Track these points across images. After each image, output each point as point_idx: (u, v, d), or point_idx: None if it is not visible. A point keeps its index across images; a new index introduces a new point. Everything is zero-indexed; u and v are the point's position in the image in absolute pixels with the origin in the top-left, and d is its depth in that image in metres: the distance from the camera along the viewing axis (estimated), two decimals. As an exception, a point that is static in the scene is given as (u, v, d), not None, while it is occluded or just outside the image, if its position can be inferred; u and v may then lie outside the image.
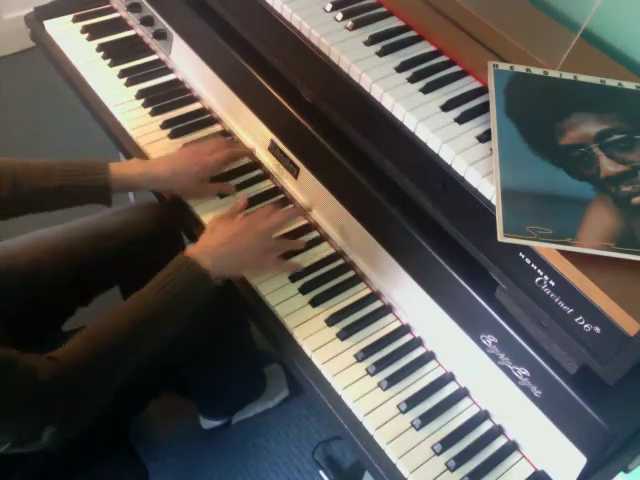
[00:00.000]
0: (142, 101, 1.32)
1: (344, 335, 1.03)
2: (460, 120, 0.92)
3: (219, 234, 1.03)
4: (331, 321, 1.04)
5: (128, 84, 1.35)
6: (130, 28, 1.47)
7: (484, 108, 0.94)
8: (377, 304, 1.07)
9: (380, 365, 1.00)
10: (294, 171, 1.15)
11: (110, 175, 1.08)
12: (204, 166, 1.15)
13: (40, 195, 1.06)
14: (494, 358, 0.93)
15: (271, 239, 1.07)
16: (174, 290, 0.95)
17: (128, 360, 0.95)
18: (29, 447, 0.89)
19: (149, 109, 1.31)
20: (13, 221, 1.09)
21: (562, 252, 0.78)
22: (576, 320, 0.79)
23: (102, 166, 1.09)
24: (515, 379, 0.91)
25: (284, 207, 1.15)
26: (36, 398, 0.85)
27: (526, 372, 0.89)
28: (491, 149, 0.88)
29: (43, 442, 0.88)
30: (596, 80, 0.97)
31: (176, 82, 1.38)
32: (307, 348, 1.01)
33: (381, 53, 1.00)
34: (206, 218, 1.14)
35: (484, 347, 0.93)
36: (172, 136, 1.27)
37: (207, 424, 1.61)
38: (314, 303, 1.06)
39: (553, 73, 0.96)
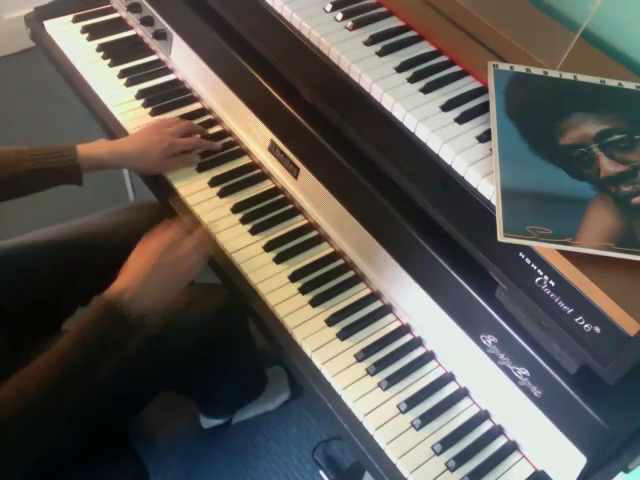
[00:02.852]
0: (142, 101, 1.32)
1: (344, 335, 1.03)
2: (460, 120, 0.92)
3: (138, 265, 0.97)
4: (331, 321, 1.04)
5: (128, 84, 1.35)
6: (130, 28, 1.47)
7: (484, 108, 0.94)
8: (377, 304, 1.07)
9: (380, 365, 1.00)
10: (294, 171, 1.15)
11: (78, 155, 1.12)
12: (171, 144, 1.19)
13: (12, 181, 1.09)
14: (494, 358, 0.93)
15: (188, 255, 1.00)
16: (98, 343, 0.90)
17: (60, 412, 0.92)
18: None
19: (149, 109, 1.31)
20: (13, 221, 1.09)
21: (562, 252, 0.78)
22: (576, 320, 0.79)
23: (70, 148, 1.13)
24: (515, 379, 0.91)
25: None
26: None
27: (526, 372, 0.89)
28: (491, 149, 0.88)
29: None
30: (596, 80, 0.97)
31: (176, 82, 1.38)
32: (307, 348, 1.01)
33: (381, 53, 1.00)
34: (206, 218, 1.14)
35: (484, 347, 0.93)
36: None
37: (207, 423, 1.61)
38: (314, 303, 1.06)
39: (553, 73, 0.96)
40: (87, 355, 0.90)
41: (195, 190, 1.19)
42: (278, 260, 1.10)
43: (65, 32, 1.44)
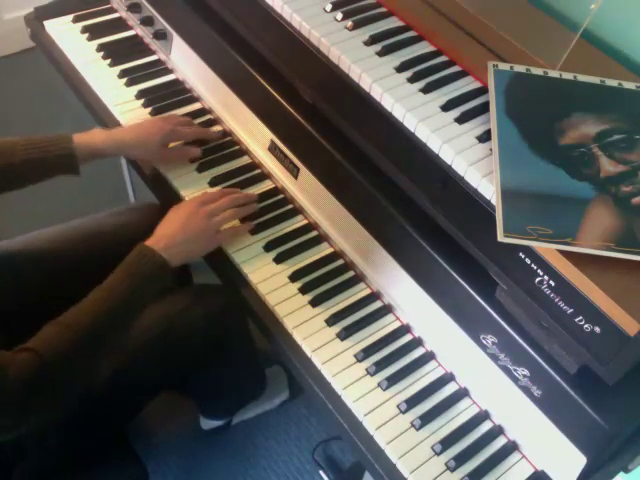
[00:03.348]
0: (142, 101, 1.32)
1: (344, 335, 1.03)
2: (460, 120, 0.92)
3: (171, 222, 1.06)
4: (331, 321, 1.04)
5: (128, 84, 1.35)
6: (130, 28, 1.47)
7: (484, 108, 0.94)
8: (377, 304, 1.07)
9: (380, 365, 1.00)
10: (294, 171, 1.15)
11: (74, 144, 1.11)
12: (172, 130, 1.19)
13: (7, 171, 1.08)
14: (494, 358, 0.93)
15: (218, 218, 1.09)
16: (141, 279, 0.99)
17: (105, 347, 0.97)
18: (6, 436, 0.92)
19: (149, 109, 1.31)
20: (13, 221, 1.09)
21: (562, 252, 0.78)
22: (576, 320, 0.79)
23: (65, 137, 1.12)
24: (515, 379, 0.91)
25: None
26: (11, 395, 0.85)
27: (526, 372, 0.89)
28: (491, 149, 0.88)
29: (21, 430, 0.90)
30: (596, 80, 0.97)
31: (176, 82, 1.38)
32: (307, 348, 1.01)
33: (381, 53, 1.00)
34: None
35: (484, 347, 0.93)
36: (172, 136, 1.27)
37: (207, 424, 1.61)
38: (314, 303, 1.06)
39: (553, 73, 0.96)
40: (136, 291, 0.98)
41: (195, 191, 1.19)
42: (278, 260, 1.10)
43: (65, 32, 1.44)
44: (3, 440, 0.94)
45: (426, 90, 0.96)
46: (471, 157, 0.88)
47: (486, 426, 0.98)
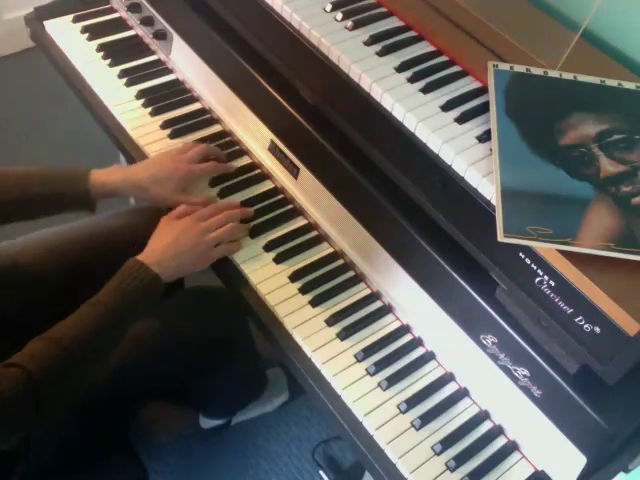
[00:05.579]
0: (142, 101, 1.32)
1: (344, 335, 1.03)
2: (460, 120, 0.92)
3: (164, 237, 1.05)
4: (331, 321, 1.04)
5: (128, 84, 1.35)
6: (130, 28, 1.47)
7: (484, 108, 0.94)
8: (377, 304, 1.07)
9: (380, 365, 1.00)
10: (294, 171, 1.15)
11: (89, 183, 1.08)
12: (187, 172, 1.14)
13: (20, 203, 1.06)
14: (494, 358, 0.93)
15: (213, 235, 1.07)
16: (132, 294, 0.97)
17: (94, 361, 0.96)
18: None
19: (149, 109, 1.31)
20: (13, 223, 1.09)
21: (562, 252, 0.78)
22: (576, 320, 0.79)
23: (82, 173, 1.09)
24: (515, 379, 0.91)
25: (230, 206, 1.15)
26: (4, 408, 0.84)
27: (526, 372, 0.89)
28: (491, 149, 0.88)
29: (14, 441, 0.91)
30: (596, 80, 0.97)
31: (176, 82, 1.38)
32: (307, 348, 1.01)
33: (381, 53, 1.00)
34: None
35: (484, 347, 0.93)
36: (172, 136, 1.27)
37: (206, 423, 1.61)
38: (314, 303, 1.06)
39: (553, 73, 0.96)
40: (127, 305, 0.97)
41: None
42: (278, 260, 1.10)
43: (65, 32, 1.44)
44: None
45: (426, 90, 0.96)
46: (471, 157, 0.88)
47: (486, 426, 0.98)
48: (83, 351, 0.91)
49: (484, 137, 0.90)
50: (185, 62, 1.34)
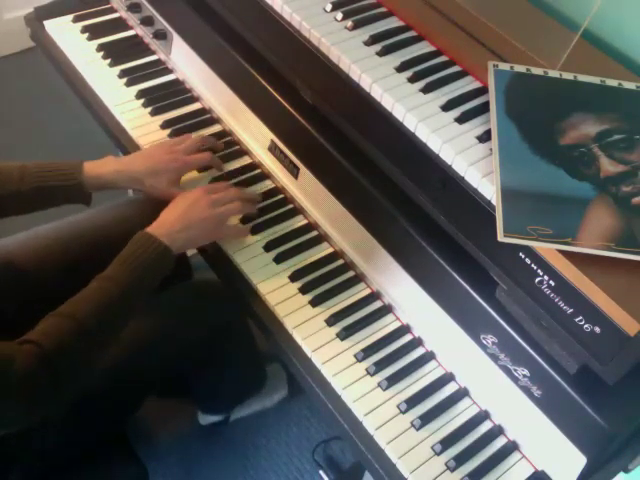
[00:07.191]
0: (142, 101, 1.32)
1: (344, 335, 1.03)
2: (460, 120, 0.92)
3: (174, 210, 1.05)
4: (331, 321, 1.04)
5: (128, 84, 1.35)
6: (130, 28, 1.47)
7: (484, 108, 0.94)
8: (377, 304, 1.07)
9: (380, 365, 1.00)
10: (294, 171, 1.15)
11: (83, 175, 1.09)
12: (183, 164, 1.15)
13: (15, 197, 1.06)
14: (494, 358, 0.93)
15: (222, 209, 1.08)
16: (143, 266, 0.97)
17: (109, 336, 0.96)
18: (13, 428, 0.91)
19: (149, 109, 1.31)
20: (11, 218, 1.09)
21: (562, 252, 0.78)
22: (576, 320, 0.79)
23: (75, 166, 1.09)
24: (515, 379, 0.91)
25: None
26: (17, 387, 0.85)
27: (526, 372, 0.89)
28: (491, 149, 0.88)
29: (30, 422, 0.90)
30: (596, 80, 0.97)
31: (176, 82, 1.38)
32: (307, 348, 1.01)
33: (381, 53, 1.00)
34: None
35: (484, 347, 0.93)
36: (172, 136, 1.27)
37: (205, 419, 1.61)
38: (314, 303, 1.06)
39: (553, 73, 0.96)
40: (139, 277, 0.97)
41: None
42: (278, 260, 1.10)
43: (65, 32, 1.44)
44: (8, 434, 0.92)
45: (426, 90, 0.96)
46: (471, 157, 0.88)
47: (486, 426, 0.98)
48: (96, 325, 0.91)
49: (484, 137, 0.90)
50: (185, 62, 1.34)
